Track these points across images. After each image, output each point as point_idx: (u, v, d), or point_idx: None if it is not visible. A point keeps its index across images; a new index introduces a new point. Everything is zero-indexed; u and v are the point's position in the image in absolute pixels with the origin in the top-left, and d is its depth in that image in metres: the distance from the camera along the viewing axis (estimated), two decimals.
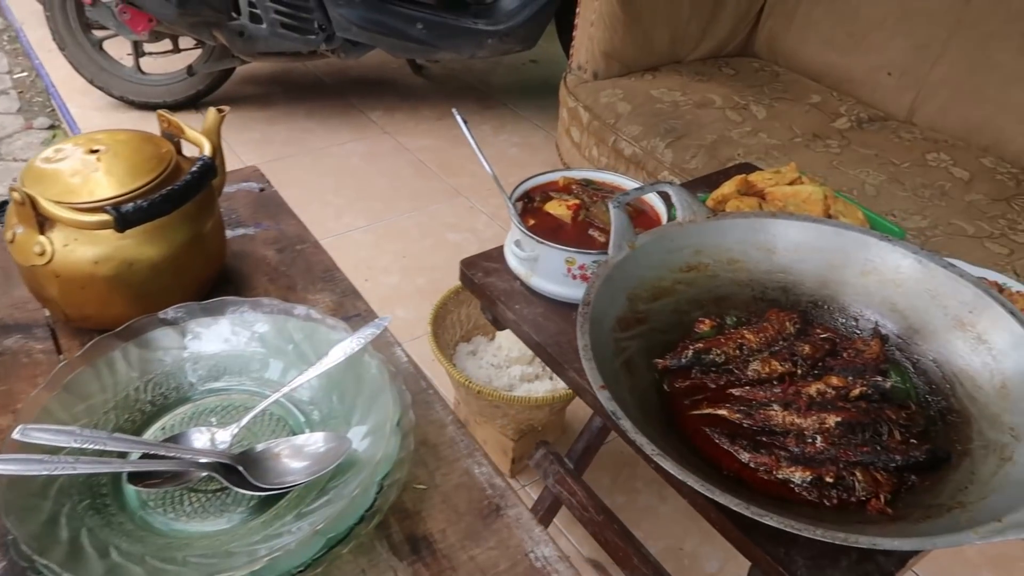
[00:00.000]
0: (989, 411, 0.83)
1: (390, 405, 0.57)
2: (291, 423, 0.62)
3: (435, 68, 3.54)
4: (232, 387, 0.64)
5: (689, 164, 2.05)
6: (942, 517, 0.72)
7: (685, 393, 0.90)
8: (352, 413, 0.60)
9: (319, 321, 0.64)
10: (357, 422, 0.59)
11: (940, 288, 0.92)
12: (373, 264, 2.34)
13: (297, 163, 2.82)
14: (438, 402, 0.67)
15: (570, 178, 1.19)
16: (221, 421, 0.62)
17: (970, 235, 1.79)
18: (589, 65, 2.41)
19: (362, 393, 0.60)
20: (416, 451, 0.63)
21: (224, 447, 0.57)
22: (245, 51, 2.75)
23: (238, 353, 0.64)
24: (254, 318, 0.65)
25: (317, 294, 0.78)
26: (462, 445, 0.64)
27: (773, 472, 0.80)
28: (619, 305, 0.92)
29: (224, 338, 0.64)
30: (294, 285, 0.79)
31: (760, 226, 1.00)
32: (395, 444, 0.55)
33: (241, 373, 0.64)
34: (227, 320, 0.65)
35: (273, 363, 0.64)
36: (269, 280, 0.79)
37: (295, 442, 0.56)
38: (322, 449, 0.55)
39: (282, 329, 0.64)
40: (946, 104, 2.19)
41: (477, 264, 1.16)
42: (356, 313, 0.76)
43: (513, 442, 1.63)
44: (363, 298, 0.78)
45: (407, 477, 0.61)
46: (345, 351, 0.61)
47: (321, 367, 0.60)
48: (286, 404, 0.63)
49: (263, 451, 0.56)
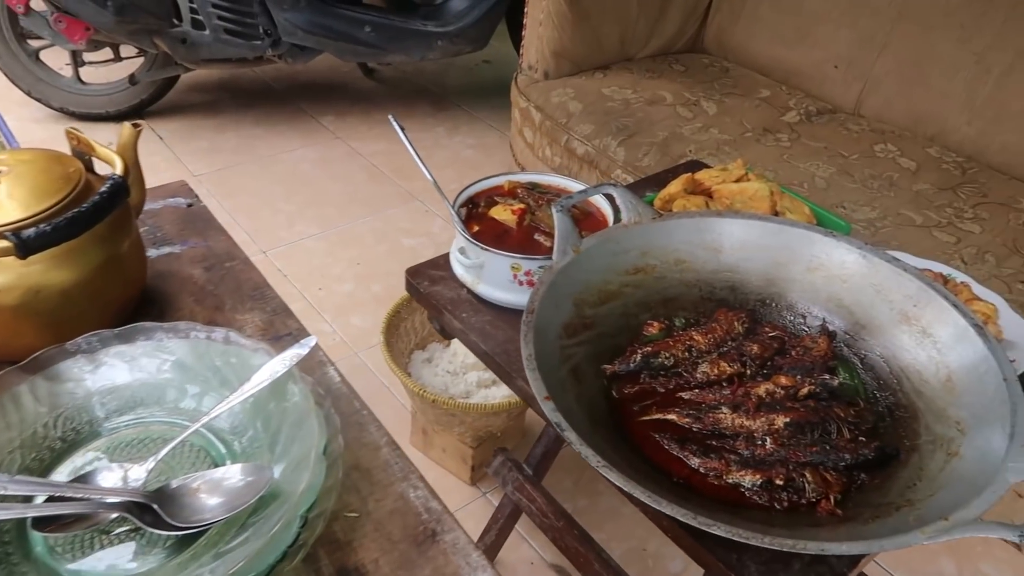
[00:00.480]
0: (936, 405, 0.82)
1: (315, 432, 0.54)
2: (213, 454, 0.59)
3: (387, 71, 3.49)
4: (148, 419, 0.60)
5: (641, 162, 2.04)
6: (891, 516, 0.71)
7: (634, 399, 0.88)
8: (276, 441, 0.57)
9: (240, 344, 0.61)
10: (281, 451, 0.56)
11: (885, 283, 0.92)
12: (327, 272, 2.30)
13: (247, 171, 2.76)
14: (372, 423, 0.64)
15: (515, 182, 1.16)
16: (136, 456, 0.58)
17: (918, 225, 1.80)
18: (539, 65, 2.40)
19: (287, 420, 0.57)
20: (348, 477, 0.60)
21: (138, 484, 0.53)
22: (188, 58, 2.68)
23: (154, 382, 0.61)
24: (171, 344, 0.61)
25: (246, 313, 0.75)
26: (396, 468, 0.61)
27: (723, 476, 0.79)
28: (565, 311, 0.90)
29: (139, 366, 0.61)
30: (222, 305, 0.76)
31: (706, 226, 0.99)
32: (321, 473, 0.52)
33: (158, 403, 0.61)
34: (142, 347, 0.61)
35: (191, 391, 0.61)
36: (195, 301, 0.76)
37: (213, 476, 0.53)
38: (241, 482, 0.52)
39: (201, 354, 0.61)
40: (891, 95, 2.21)
41: (423, 273, 1.13)
42: (287, 332, 0.73)
43: (472, 449, 1.61)
44: (295, 316, 0.75)
45: (337, 506, 0.58)
46: (268, 375, 0.58)
47: (242, 394, 0.57)
48: (206, 434, 0.59)
49: (179, 487, 0.53)
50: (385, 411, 1.84)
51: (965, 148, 2.09)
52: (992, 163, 2.04)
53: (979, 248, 1.72)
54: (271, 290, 0.78)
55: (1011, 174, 2.01)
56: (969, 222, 1.82)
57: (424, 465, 1.72)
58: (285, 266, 2.31)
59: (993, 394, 0.77)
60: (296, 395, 0.57)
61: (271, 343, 0.70)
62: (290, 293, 2.20)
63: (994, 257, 1.70)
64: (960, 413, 0.79)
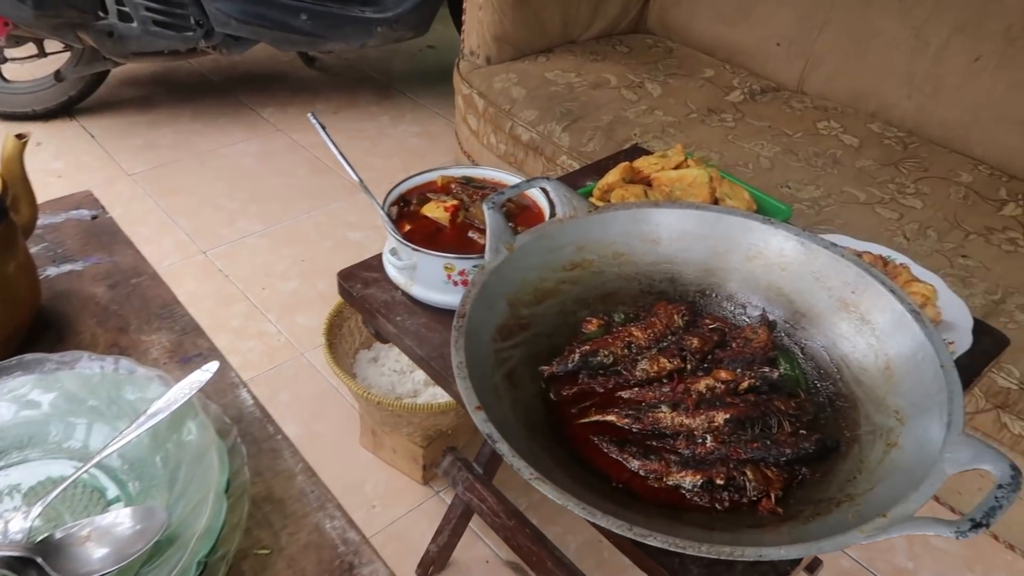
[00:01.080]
0: (875, 394, 0.81)
1: (214, 467, 0.50)
2: (109, 496, 0.54)
3: (328, 59, 3.40)
4: (33, 461, 0.56)
5: (587, 147, 2.01)
6: (831, 513, 0.70)
7: (573, 401, 0.86)
8: (176, 479, 0.53)
9: (136, 373, 0.57)
10: (180, 490, 0.52)
11: (823, 269, 0.90)
12: (270, 270, 2.23)
13: (185, 167, 2.66)
14: (287, 448, 0.61)
15: (449, 177, 1.12)
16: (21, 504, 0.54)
17: (862, 202, 1.81)
18: (481, 50, 2.35)
19: (186, 455, 0.53)
20: (259, 509, 0.57)
21: (19, 537, 0.49)
22: (116, 52, 2.57)
23: (39, 420, 0.56)
24: (60, 376, 0.57)
25: (153, 334, 0.70)
26: (312, 497, 0.58)
27: (663, 478, 0.77)
28: (499, 312, 0.87)
29: (24, 402, 0.56)
30: (126, 326, 0.71)
31: (642, 216, 0.97)
32: (221, 513, 0.49)
33: (43, 443, 0.56)
34: (27, 381, 0.56)
35: (81, 428, 0.56)
36: (97, 322, 0.71)
37: (101, 523, 0.49)
38: (132, 529, 0.48)
39: (93, 387, 0.56)
40: (833, 72, 2.22)
41: (355, 275, 1.09)
42: (197, 352, 0.68)
43: (423, 449, 1.57)
44: (206, 335, 0.70)
45: (246, 543, 0.54)
46: (165, 407, 0.53)
47: (136, 428, 0.53)
48: (99, 475, 0.55)
49: (65, 537, 0.49)
50: (334, 412, 1.80)
51: (906, 123, 2.10)
52: (932, 137, 2.06)
53: (921, 224, 1.74)
54: (180, 307, 0.73)
55: (950, 147, 2.03)
56: (911, 197, 1.83)
57: (375, 466, 1.69)
58: (227, 266, 2.23)
59: (931, 381, 0.76)
60: (193, 429, 0.52)
61: (179, 365, 0.66)
62: (232, 294, 2.14)
63: (936, 232, 1.71)
64: (899, 402, 0.78)
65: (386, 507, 1.61)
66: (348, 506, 1.68)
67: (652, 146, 1.98)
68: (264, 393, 1.84)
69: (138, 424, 0.53)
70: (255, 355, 1.95)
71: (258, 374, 1.90)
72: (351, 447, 1.72)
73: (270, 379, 1.88)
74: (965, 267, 1.62)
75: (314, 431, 1.76)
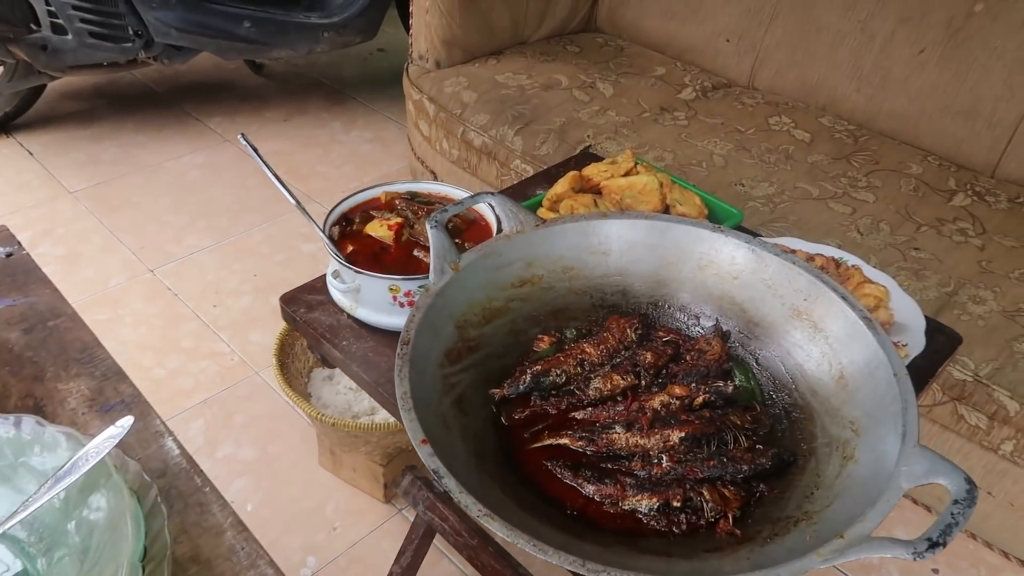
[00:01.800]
0: (830, 404, 0.80)
1: (128, 534, 0.46)
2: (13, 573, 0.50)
3: (276, 65, 3.33)
4: None
5: (540, 150, 1.99)
6: (789, 533, 0.68)
7: (525, 424, 0.83)
8: (88, 547, 0.49)
9: (44, 433, 0.52)
10: (93, 559, 0.48)
11: (775, 277, 0.89)
12: (221, 287, 2.17)
13: (129, 183, 2.58)
14: (216, 502, 0.57)
15: (393, 192, 1.09)
16: None
17: (815, 197, 1.81)
18: (430, 54, 2.31)
19: (98, 522, 0.49)
20: (184, 572, 0.53)
21: None
22: (52, 66, 2.48)
23: None
24: None
25: (71, 381, 0.66)
26: (243, 554, 0.54)
27: (619, 503, 0.75)
28: (446, 336, 0.84)
29: None
30: (42, 374, 0.66)
31: (591, 229, 0.95)
32: None
33: None
34: None
35: None
36: (10, 371, 0.66)
37: None
38: None
39: None
40: (782, 67, 2.22)
41: (299, 299, 1.05)
42: (119, 400, 0.64)
43: (382, 467, 1.54)
44: (129, 379, 0.66)
45: None
46: (75, 469, 0.49)
47: (43, 496, 0.49)
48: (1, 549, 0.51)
49: None
50: (291, 433, 1.75)
51: (856, 116, 2.11)
52: (882, 129, 2.08)
53: (874, 217, 1.74)
54: (102, 350, 0.68)
55: (900, 139, 2.05)
56: (863, 191, 1.84)
57: (335, 486, 1.64)
58: (176, 284, 2.17)
59: (885, 390, 0.75)
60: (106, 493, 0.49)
61: (98, 416, 0.61)
62: (183, 313, 2.07)
63: (888, 225, 1.72)
64: (854, 412, 0.77)
65: (348, 528, 1.57)
66: (309, 529, 1.63)
67: (605, 147, 1.96)
68: (219, 415, 1.79)
69: (45, 490, 0.49)
70: (207, 376, 1.89)
71: (211, 395, 1.84)
72: (310, 468, 1.68)
73: (224, 400, 1.83)
74: (918, 260, 1.63)
75: (271, 453, 1.71)
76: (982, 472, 1.50)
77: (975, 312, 1.50)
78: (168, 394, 1.83)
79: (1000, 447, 1.45)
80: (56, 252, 2.27)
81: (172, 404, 1.81)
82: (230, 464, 1.67)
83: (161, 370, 1.90)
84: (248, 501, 1.60)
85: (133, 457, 0.59)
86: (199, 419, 1.77)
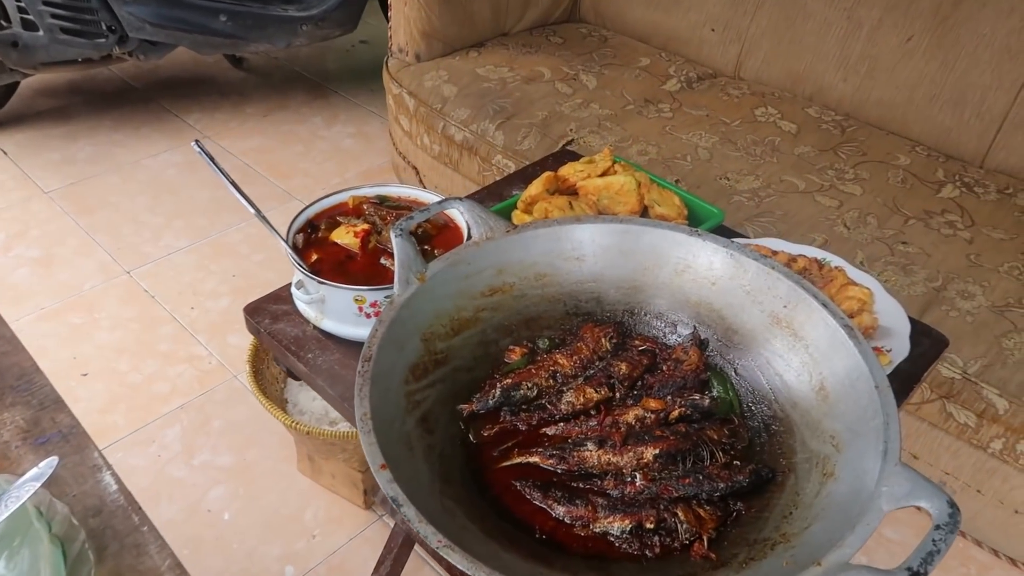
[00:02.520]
0: (811, 417, 0.77)
1: None
2: None
3: (256, 59, 3.27)
4: None
5: (521, 145, 1.95)
6: (766, 558, 0.65)
7: (494, 441, 0.80)
8: None
9: None
10: None
11: (754, 283, 0.85)
12: (199, 288, 2.13)
13: (105, 182, 2.53)
14: (154, 542, 0.53)
15: (360, 197, 1.05)
16: None
17: (801, 191, 1.78)
18: (410, 47, 2.26)
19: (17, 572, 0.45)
20: None
21: None
22: (23, 63, 2.42)
23: None
24: None
25: (5, 411, 0.62)
26: None
27: (590, 525, 0.72)
28: (412, 350, 0.80)
29: None
30: None
31: (564, 234, 0.91)
32: None
33: None
34: None
35: None
36: None
37: None
38: None
39: None
40: (768, 56, 2.18)
41: (263, 309, 1.02)
42: (56, 431, 0.61)
43: (361, 473, 1.50)
44: (67, 408, 0.62)
45: None
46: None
47: None
48: None
49: None
50: (269, 438, 1.72)
51: (843, 106, 2.08)
52: (869, 119, 2.04)
53: (861, 211, 1.71)
54: (41, 376, 0.65)
55: (887, 129, 2.01)
56: (850, 183, 1.81)
57: (314, 493, 1.61)
58: (152, 285, 2.12)
59: (866, 403, 0.72)
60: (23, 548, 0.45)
61: (32, 449, 0.58)
62: (159, 316, 2.03)
63: (875, 219, 1.69)
64: (835, 426, 0.74)
65: (327, 535, 1.54)
66: (287, 537, 1.59)
67: (589, 141, 1.92)
68: (196, 420, 1.75)
69: None
70: (185, 381, 1.85)
71: (188, 400, 1.80)
72: (289, 474, 1.65)
73: (201, 405, 1.79)
74: (906, 254, 1.60)
75: (249, 459, 1.67)
76: (971, 470, 1.47)
77: (963, 308, 1.47)
78: (144, 399, 1.80)
79: (989, 445, 1.42)
80: (31, 254, 2.22)
81: (148, 410, 1.77)
82: (207, 471, 1.64)
83: (137, 375, 1.86)
84: (225, 510, 1.57)
85: (68, 494, 0.55)
86: (176, 425, 1.74)
